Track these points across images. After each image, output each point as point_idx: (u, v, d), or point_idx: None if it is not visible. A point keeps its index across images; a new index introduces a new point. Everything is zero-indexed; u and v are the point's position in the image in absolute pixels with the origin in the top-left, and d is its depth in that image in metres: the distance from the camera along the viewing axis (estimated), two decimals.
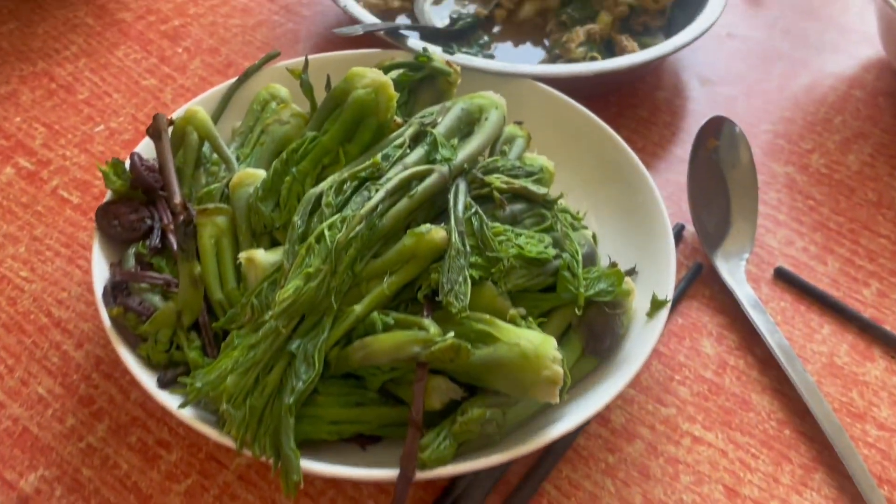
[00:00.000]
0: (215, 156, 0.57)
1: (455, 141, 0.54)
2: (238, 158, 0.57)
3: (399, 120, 0.56)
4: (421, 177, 0.50)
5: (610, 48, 0.77)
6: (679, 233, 0.64)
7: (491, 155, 0.58)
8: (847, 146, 0.72)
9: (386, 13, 0.80)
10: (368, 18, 0.71)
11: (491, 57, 0.76)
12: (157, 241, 0.50)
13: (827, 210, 0.67)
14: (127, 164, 0.53)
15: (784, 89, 0.77)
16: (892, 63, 0.77)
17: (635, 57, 0.70)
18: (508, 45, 0.80)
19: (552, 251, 0.50)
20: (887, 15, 0.71)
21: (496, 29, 0.81)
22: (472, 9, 0.80)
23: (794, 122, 0.74)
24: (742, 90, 0.77)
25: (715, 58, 0.80)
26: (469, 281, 0.46)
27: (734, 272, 0.61)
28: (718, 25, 0.79)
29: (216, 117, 0.61)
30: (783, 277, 0.62)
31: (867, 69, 0.80)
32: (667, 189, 0.67)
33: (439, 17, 0.79)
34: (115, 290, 0.48)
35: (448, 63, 0.62)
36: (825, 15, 0.86)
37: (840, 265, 0.63)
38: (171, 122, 0.56)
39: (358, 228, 0.46)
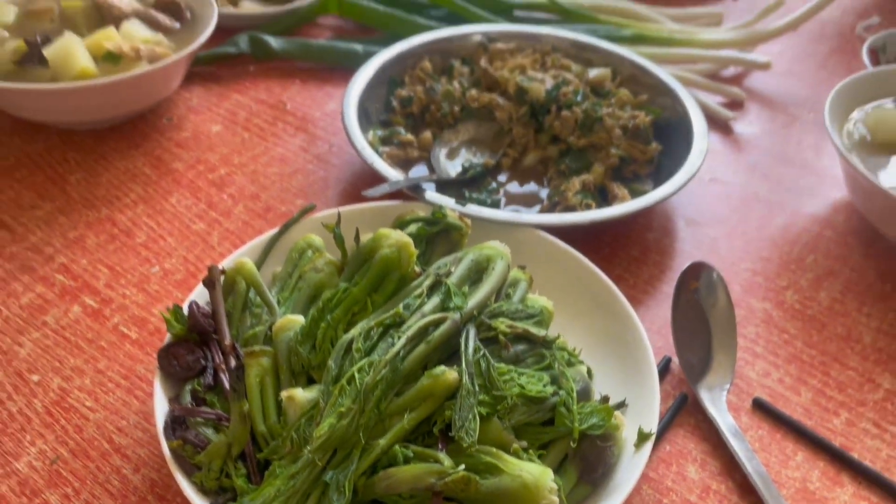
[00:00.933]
0: (259, 299, 0.66)
1: (466, 288, 0.63)
2: (278, 302, 0.66)
3: (418, 269, 0.65)
4: (436, 324, 0.58)
5: (603, 194, 0.86)
6: (667, 365, 0.71)
7: (497, 298, 0.66)
8: (819, 283, 0.80)
9: (406, 162, 0.90)
10: (390, 171, 0.81)
11: (498, 202, 0.85)
12: (211, 379, 0.58)
13: (800, 343, 0.74)
14: (185, 310, 0.62)
15: (762, 230, 0.86)
16: (859, 208, 0.86)
17: (625, 207, 0.79)
18: (514, 184, 0.90)
19: (550, 389, 0.58)
20: (849, 171, 0.81)
21: (503, 175, 0.91)
22: (481, 158, 0.91)
23: (771, 261, 0.82)
24: (724, 231, 0.86)
25: (700, 201, 0.90)
26: (478, 418, 0.54)
27: (716, 402, 0.68)
28: (703, 171, 0.89)
29: (259, 263, 0.70)
30: (761, 407, 0.69)
31: (838, 210, 0.89)
32: (656, 323, 0.75)
33: (453, 167, 0.90)
34: (174, 424, 0.56)
35: (460, 217, 0.71)
36: (800, 160, 0.96)
37: (812, 395, 0.70)
38: (222, 272, 0.65)
39: (383, 372, 0.54)
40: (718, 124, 1.01)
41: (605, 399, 0.61)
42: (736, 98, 1.03)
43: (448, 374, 0.55)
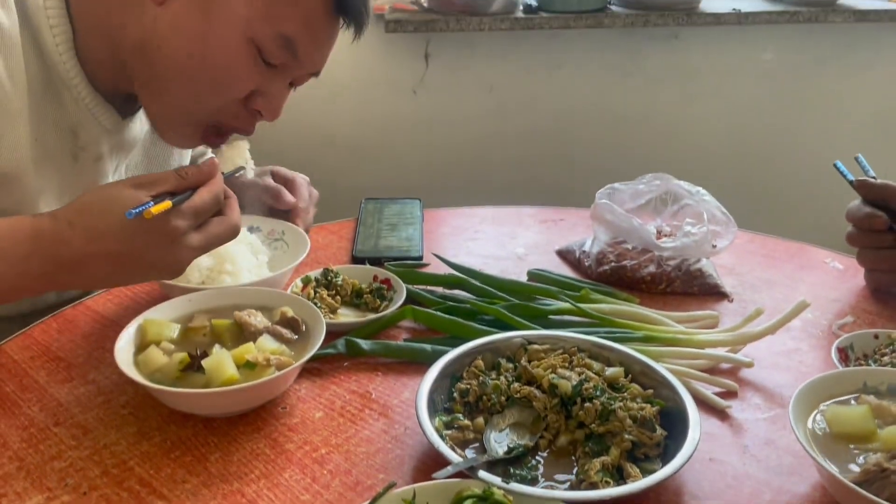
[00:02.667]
0: None
1: None
2: None
3: None
4: None
5: (620, 472, 1.09)
6: None
7: None
8: None
9: (464, 443, 1.16)
10: (453, 455, 1.06)
11: (537, 477, 1.09)
12: None
13: None
14: None
15: (751, 502, 1.06)
16: (826, 487, 1.06)
17: (637, 485, 1.02)
18: (550, 460, 1.14)
19: None
20: (818, 467, 1.02)
21: (541, 454, 1.15)
22: (523, 439, 1.16)
23: None
24: None
25: (701, 477, 1.11)
26: None
27: None
28: (703, 452, 1.12)
29: None
30: None
31: (815, 488, 1.09)
32: None
33: (500, 447, 1.14)
34: None
35: (504, 494, 0.95)
36: (783, 443, 1.18)
37: None
38: None
39: None
40: (716, 411, 1.24)
41: None
42: (730, 389, 1.28)
43: None
